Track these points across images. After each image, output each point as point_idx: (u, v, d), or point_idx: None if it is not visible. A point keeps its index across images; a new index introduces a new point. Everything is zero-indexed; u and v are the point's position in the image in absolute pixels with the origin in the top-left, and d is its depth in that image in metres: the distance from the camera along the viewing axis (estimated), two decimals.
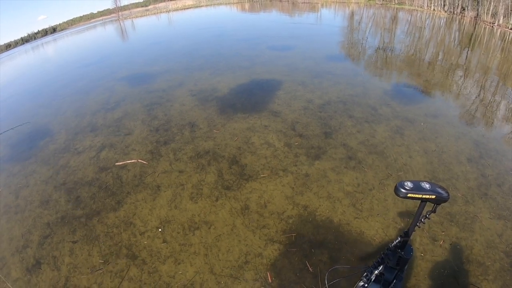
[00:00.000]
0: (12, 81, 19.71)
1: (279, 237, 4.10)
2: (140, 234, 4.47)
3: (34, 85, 16.11)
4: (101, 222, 4.87)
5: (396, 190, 1.77)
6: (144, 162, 6.13)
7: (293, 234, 4.12)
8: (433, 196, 1.75)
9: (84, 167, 6.46)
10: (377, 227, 4.09)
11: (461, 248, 3.73)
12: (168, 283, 3.70)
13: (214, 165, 5.79)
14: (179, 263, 3.93)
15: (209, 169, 5.70)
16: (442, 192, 1.78)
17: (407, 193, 1.74)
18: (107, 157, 6.67)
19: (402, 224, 4.08)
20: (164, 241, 4.29)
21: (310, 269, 3.58)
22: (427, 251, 3.70)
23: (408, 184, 1.75)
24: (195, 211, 4.74)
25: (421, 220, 2.02)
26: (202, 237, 4.26)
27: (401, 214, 4.26)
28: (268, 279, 3.57)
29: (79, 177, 6.15)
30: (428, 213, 1.99)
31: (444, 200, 1.80)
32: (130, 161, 6.23)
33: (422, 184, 1.78)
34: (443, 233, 3.94)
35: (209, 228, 4.39)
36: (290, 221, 4.34)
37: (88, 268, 4.10)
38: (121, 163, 6.21)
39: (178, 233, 4.39)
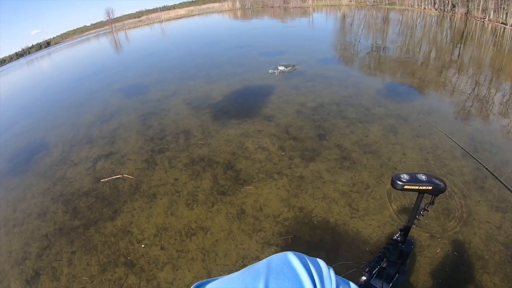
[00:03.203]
0: (8, 96, 19.76)
1: (275, 240, 4.11)
2: (138, 242, 4.48)
3: (30, 100, 16.20)
4: (98, 231, 4.89)
5: (393, 183, 1.77)
6: (130, 177, 6.13)
7: (290, 236, 4.13)
8: (430, 187, 1.75)
9: (81, 178, 6.47)
10: (374, 226, 4.10)
11: (459, 243, 3.72)
12: None
13: (209, 171, 5.80)
14: (177, 269, 3.94)
15: (204, 175, 5.72)
16: (439, 183, 1.77)
17: (404, 185, 1.74)
18: (104, 167, 6.69)
19: (399, 221, 4.09)
20: (161, 248, 4.29)
21: None
22: (425, 246, 3.71)
23: (405, 176, 1.75)
24: (191, 217, 4.75)
25: (419, 212, 2.02)
26: (199, 242, 4.27)
27: (398, 211, 4.27)
28: None
29: (76, 188, 6.17)
30: (427, 205, 1.99)
31: (442, 191, 1.79)
32: (115, 177, 6.22)
33: (419, 175, 1.78)
34: (441, 228, 3.94)
35: (206, 233, 4.40)
36: (286, 223, 4.35)
37: (87, 278, 4.11)
38: (106, 179, 6.20)
39: (175, 239, 4.40)
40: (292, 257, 0.71)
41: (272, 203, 4.75)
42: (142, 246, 4.41)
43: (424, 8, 22.78)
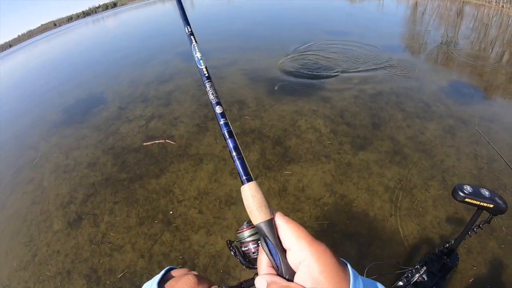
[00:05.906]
0: (72, 51, 20.63)
1: (311, 223, 4.09)
2: (178, 202, 4.62)
3: (94, 55, 16.84)
4: (142, 187, 5.09)
5: (454, 193, 1.71)
6: (172, 143, 6.24)
7: (326, 222, 4.10)
8: (491, 205, 1.68)
9: (133, 135, 6.70)
10: (412, 228, 3.96)
11: (495, 265, 3.50)
12: (197, 251, 3.82)
13: (258, 144, 5.82)
14: (210, 235, 4.03)
15: (253, 147, 5.75)
16: (501, 202, 1.69)
17: (465, 197, 1.67)
18: (156, 127, 6.88)
19: (439, 229, 3.92)
20: (199, 212, 4.40)
21: None
22: (460, 261, 3.55)
23: (468, 188, 1.68)
24: (233, 186, 4.83)
25: (473, 229, 1.94)
26: (236, 212, 4.34)
27: (439, 219, 4.07)
28: None
29: (127, 144, 6.41)
30: (482, 223, 1.91)
31: (502, 211, 1.71)
32: (157, 141, 6.35)
33: (482, 190, 1.70)
34: (480, 245, 3.74)
35: None
36: (325, 208, 4.31)
37: (124, 228, 4.31)
38: (148, 143, 6.33)
39: (214, 205, 4.49)
40: None
41: (315, 186, 4.72)
42: (171, 212, 4.53)
43: (502, 7, 21.31)
